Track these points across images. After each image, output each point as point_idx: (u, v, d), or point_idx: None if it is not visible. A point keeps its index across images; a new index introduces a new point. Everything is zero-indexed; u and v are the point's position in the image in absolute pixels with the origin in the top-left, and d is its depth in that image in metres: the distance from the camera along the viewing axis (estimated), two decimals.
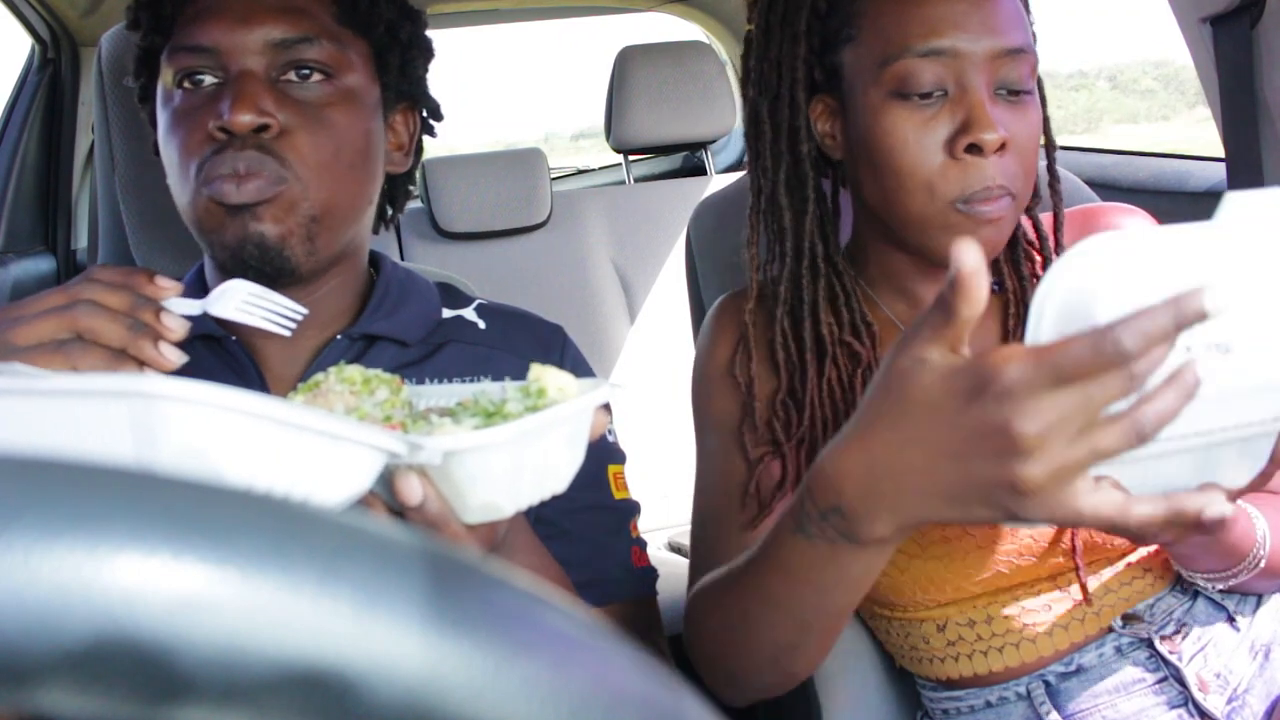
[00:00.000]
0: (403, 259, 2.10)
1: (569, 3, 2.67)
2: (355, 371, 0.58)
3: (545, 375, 0.58)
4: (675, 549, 1.89)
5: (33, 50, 2.11)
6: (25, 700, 0.18)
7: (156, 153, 0.90)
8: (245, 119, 0.76)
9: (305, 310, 0.74)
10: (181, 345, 0.68)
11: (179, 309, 0.68)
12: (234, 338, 0.84)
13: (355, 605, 0.20)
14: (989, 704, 0.88)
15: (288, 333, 0.73)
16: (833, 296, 0.87)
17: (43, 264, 2.07)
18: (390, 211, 0.97)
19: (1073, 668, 0.84)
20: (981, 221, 0.78)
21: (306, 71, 0.80)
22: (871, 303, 0.90)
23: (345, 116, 0.81)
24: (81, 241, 2.18)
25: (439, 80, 0.96)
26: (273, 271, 0.79)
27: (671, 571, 0.95)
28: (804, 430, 0.86)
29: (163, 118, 0.82)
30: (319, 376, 0.59)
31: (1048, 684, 0.85)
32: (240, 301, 0.72)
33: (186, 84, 0.80)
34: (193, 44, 0.80)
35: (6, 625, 0.18)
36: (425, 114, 0.94)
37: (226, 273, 0.82)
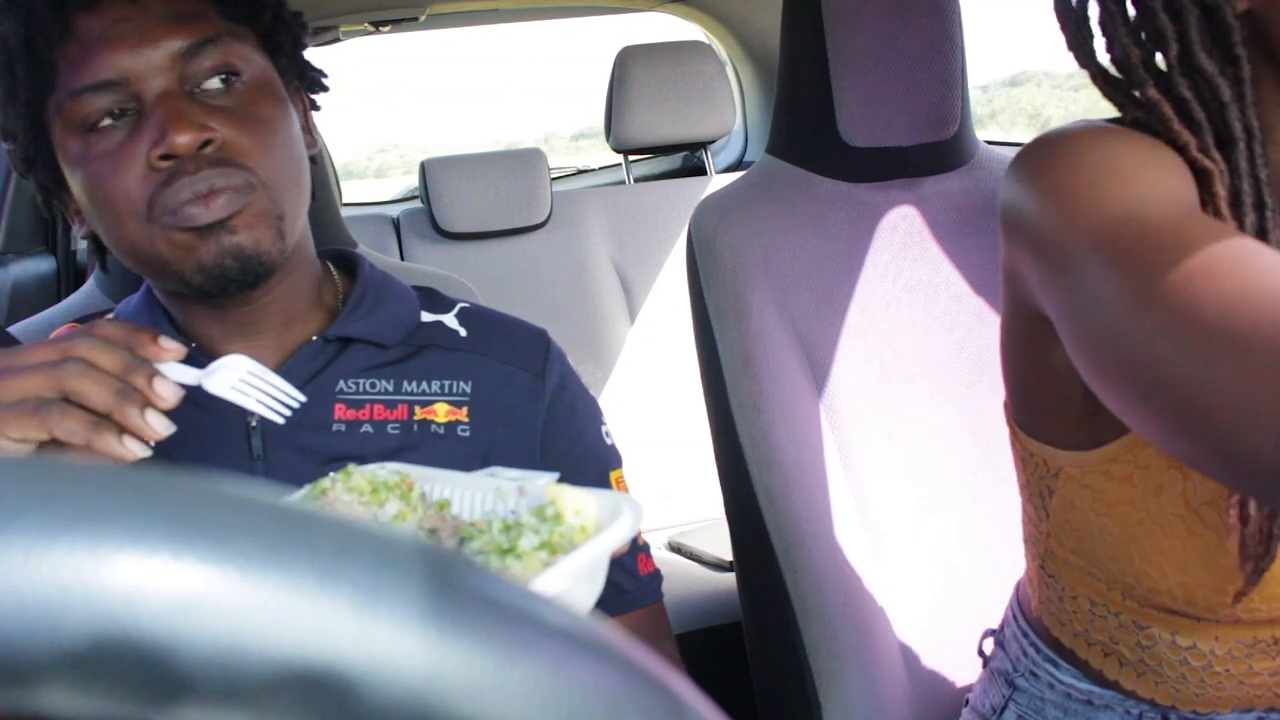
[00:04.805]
0: (403, 259, 2.10)
1: (569, 3, 2.66)
2: (362, 480, 0.57)
3: (562, 497, 0.53)
4: (675, 549, 1.89)
5: None
6: (25, 700, 0.18)
7: (49, 210, 0.85)
8: (186, 138, 0.72)
9: (303, 398, 0.71)
10: None
11: (175, 375, 0.64)
12: (194, 344, 0.82)
13: (355, 605, 0.20)
14: (1091, 704, 0.85)
15: (281, 420, 0.70)
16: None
17: (43, 264, 2.07)
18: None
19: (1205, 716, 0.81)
20: None
21: (222, 77, 0.77)
22: None
23: (270, 109, 0.79)
24: (81, 242, 2.17)
25: (441, 80, 0.95)
26: (253, 279, 0.77)
27: (671, 571, 0.95)
28: None
29: (80, 171, 0.76)
30: (325, 483, 0.57)
31: (1165, 718, 0.82)
32: (237, 380, 0.69)
33: (101, 126, 0.75)
34: (94, 82, 0.74)
35: (6, 625, 0.18)
36: (307, 91, 0.90)
37: (199, 295, 0.79)
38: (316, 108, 0.92)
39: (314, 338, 0.84)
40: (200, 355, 0.82)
